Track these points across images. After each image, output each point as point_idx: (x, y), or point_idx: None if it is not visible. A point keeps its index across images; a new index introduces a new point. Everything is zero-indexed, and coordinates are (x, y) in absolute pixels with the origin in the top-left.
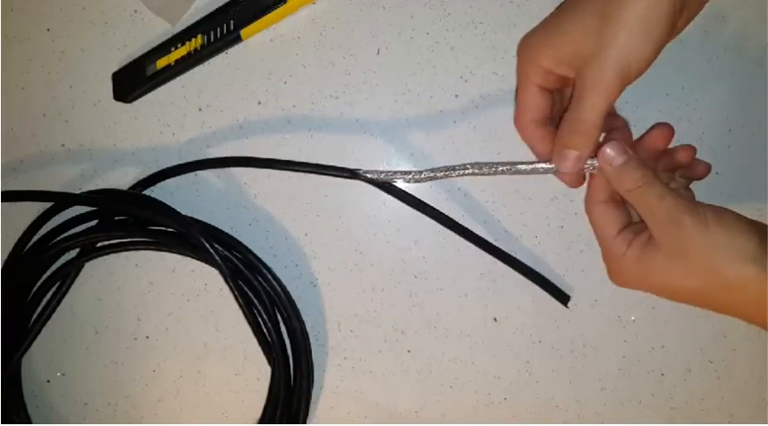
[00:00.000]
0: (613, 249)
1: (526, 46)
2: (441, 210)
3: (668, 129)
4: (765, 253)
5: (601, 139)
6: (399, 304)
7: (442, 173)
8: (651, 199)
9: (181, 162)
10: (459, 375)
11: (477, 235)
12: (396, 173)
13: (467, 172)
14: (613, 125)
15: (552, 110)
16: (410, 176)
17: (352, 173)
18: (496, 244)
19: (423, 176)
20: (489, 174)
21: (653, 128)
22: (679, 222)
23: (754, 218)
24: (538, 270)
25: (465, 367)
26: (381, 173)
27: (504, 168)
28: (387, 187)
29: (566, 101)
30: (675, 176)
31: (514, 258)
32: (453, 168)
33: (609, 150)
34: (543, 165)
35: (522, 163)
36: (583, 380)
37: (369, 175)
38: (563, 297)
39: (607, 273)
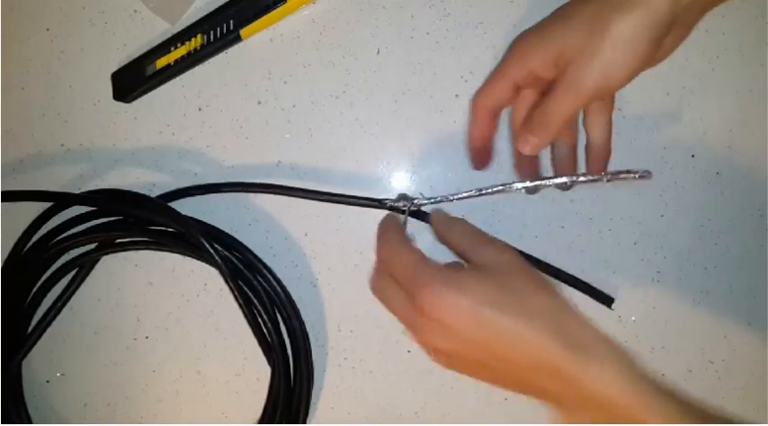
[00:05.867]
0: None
1: (518, 43)
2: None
3: None
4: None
5: None
6: None
7: (456, 197)
8: (404, 272)
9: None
10: (460, 375)
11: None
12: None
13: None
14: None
15: (507, 105)
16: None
17: (380, 203)
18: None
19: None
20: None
21: None
22: (429, 290)
23: (755, 218)
24: None
25: None
26: (408, 202)
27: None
28: (417, 214)
29: (524, 101)
30: None
31: (557, 269)
32: (481, 190)
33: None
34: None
35: (514, 182)
36: None
37: (397, 204)
38: (607, 300)
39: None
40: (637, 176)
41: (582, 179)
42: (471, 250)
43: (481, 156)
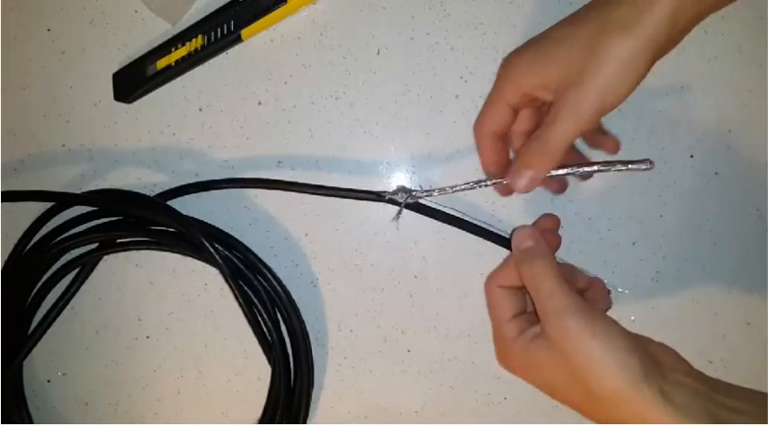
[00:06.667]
0: (504, 332)
1: (511, 66)
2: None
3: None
4: (644, 372)
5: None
6: (399, 304)
7: (451, 190)
8: (543, 293)
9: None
10: (459, 375)
11: None
12: (419, 191)
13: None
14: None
15: (510, 126)
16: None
17: (378, 196)
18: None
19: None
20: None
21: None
22: (565, 323)
23: (754, 218)
24: None
25: (465, 367)
26: (405, 194)
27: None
28: (415, 206)
29: (526, 120)
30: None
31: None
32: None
33: (521, 232)
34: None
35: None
36: None
37: (395, 198)
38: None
39: (495, 353)
40: (642, 167)
41: (585, 169)
42: (542, 313)
43: (505, 188)
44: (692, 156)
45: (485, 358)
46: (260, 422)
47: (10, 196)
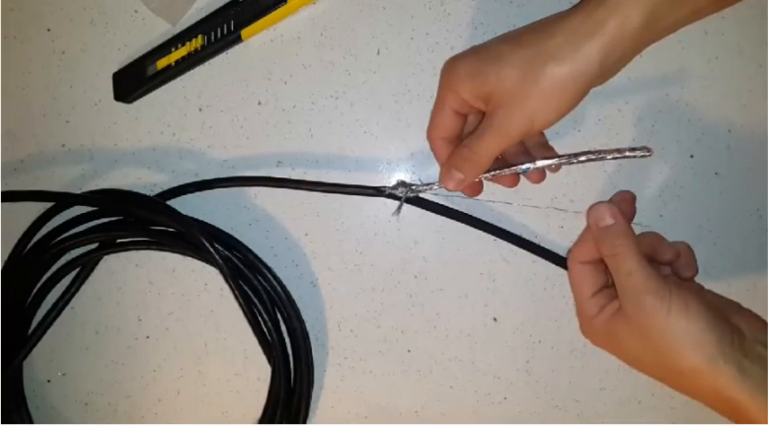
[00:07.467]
0: (586, 309)
1: (450, 73)
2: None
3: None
4: (720, 348)
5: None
6: (399, 304)
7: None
8: (621, 272)
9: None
10: (459, 375)
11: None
12: (418, 186)
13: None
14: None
15: (461, 130)
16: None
17: (378, 191)
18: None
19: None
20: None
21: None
22: (642, 302)
23: (754, 218)
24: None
25: (465, 367)
26: (405, 188)
27: (490, 174)
28: (415, 201)
29: (474, 123)
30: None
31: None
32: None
33: (600, 209)
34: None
35: (515, 164)
36: (583, 380)
37: (395, 192)
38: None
39: (579, 327)
40: (639, 155)
41: (582, 158)
42: (621, 291)
43: (470, 186)
44: (692, 156)
45: (485, 358)
46: (260, 422)
47: (10, 196)
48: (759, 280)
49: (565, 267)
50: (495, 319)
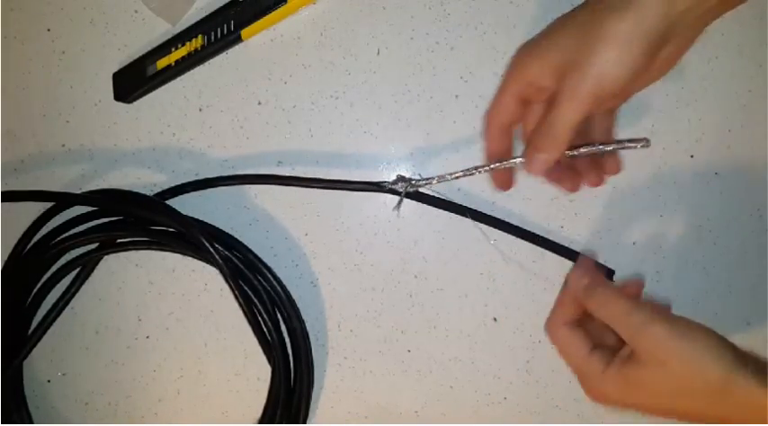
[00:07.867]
0: (590, 367)
1: (516, 58)
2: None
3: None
4: (735, 357)
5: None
6: (399, 304)
7: (451, 177)
8: (619, 315)
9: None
10: (459, 375)
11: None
12: (417, 180)
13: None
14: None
15: (519, 119)
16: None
17: (378, 186)
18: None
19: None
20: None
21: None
22: (652, 333)
23: (754, 218)
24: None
25: (465, 367)
26: (405, 183)
27: (489, 167)
28: (415, 195)
29: (533, 116)
30: None
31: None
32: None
33: (575, 273)
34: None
35: (500, 161)
36: None
37: (395, 187)
38: (608, 272)
39: (586, 393)
40: (638, 146)
41: (583, 150)
42: (626, 332)
43: (501, 177)
44: (692, 156)
45: (485, 358)
46: (260, 422)
47: (10, 196)
48: (759, 280)
49: (569, 258)
50: (495, 319)
